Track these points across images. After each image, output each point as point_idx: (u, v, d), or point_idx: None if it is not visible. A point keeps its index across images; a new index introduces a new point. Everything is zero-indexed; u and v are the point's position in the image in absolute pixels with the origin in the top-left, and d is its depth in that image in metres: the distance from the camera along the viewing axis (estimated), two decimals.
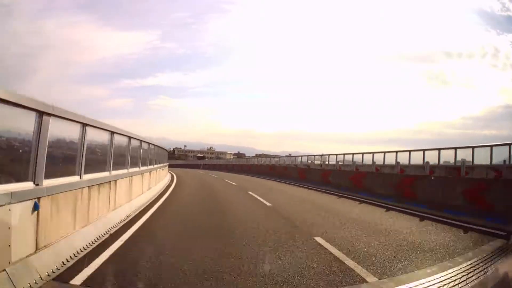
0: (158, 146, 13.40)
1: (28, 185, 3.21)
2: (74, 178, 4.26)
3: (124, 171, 6.90)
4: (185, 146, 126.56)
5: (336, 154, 20.56)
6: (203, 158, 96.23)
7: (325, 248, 4.64)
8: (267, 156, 60.11)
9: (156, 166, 12.14)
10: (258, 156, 72.55)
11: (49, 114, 3.40)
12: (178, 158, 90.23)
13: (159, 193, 11.02)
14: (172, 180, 17.53)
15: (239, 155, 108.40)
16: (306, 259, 4.14)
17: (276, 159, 35.76)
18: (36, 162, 3.31)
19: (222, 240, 5.02)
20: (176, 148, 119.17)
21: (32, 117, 3.27)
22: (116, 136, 6.07)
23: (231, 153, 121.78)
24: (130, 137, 7.24)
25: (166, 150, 22.21)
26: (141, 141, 8.86)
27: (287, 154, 35.85)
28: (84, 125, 4.49)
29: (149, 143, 10.38)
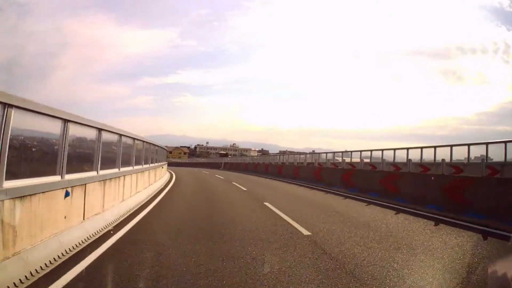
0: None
1: None
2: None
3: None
4: (207, 142, 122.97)
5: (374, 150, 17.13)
6: (226, 155, 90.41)
7: None
8: (291, 153, 55.92)
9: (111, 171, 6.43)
10: (282, 153, 69.94)
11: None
12: (199, 155, 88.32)
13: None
14: (155, 196, 10.04)
15: (263, 152, 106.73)
16: None
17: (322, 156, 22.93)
18: None
19: None
20: (198, 145, 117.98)
21: None
22: None
23: (255, 150, 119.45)
24: None
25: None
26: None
27: (311, 151, 33.86)
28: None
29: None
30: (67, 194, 4.51)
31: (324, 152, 23.15)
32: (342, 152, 20.62)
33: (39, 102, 3.83)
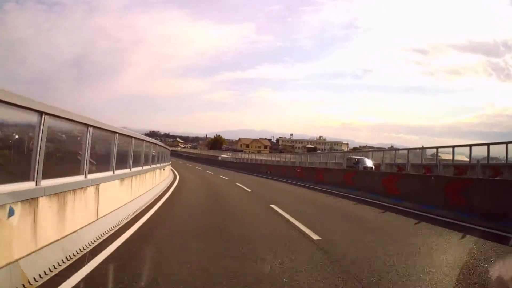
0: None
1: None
2: None
3: None
4: (291, 135, 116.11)
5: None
6: (314, 150, 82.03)
7: None
8: (378, 149, 40.31)
9: None
10: (362, 149, 62.18)
11: None
12: (282, 150, 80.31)
13: None
14: None
15: (354, 148, 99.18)
16: None
17: None
18: None
19: None
20: (280, 138, 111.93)
21: None
22: None
23: (347, 143, 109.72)
24: None
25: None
26: None
27: (389, 147, 29.02)
28: None
29: None
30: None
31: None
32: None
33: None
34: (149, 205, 8.60)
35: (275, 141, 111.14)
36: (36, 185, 3.76)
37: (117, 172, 6.59)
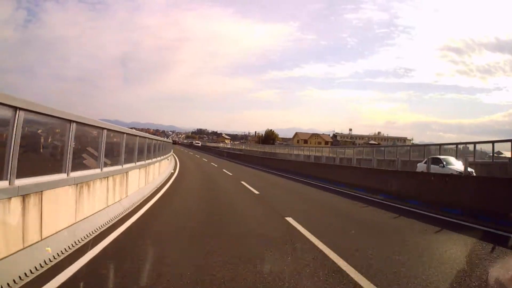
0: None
1: None
2: None
3: None
4: (350, 130, 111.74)
5: None
6: (377, 146, 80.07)
7: None
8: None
9: None
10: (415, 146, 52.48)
11: None
12: (344, 144, 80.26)
13: None
14: None
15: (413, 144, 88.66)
16: None
17: None
18: None
19: None
20: (337, 134, 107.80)
21: None
22: None
23: (411, 139, 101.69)
24: None
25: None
26: None
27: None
28: None
29: None
30: None
31: None
32: None
33: None
34: None
35: (333, 136, 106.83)
36: None
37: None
